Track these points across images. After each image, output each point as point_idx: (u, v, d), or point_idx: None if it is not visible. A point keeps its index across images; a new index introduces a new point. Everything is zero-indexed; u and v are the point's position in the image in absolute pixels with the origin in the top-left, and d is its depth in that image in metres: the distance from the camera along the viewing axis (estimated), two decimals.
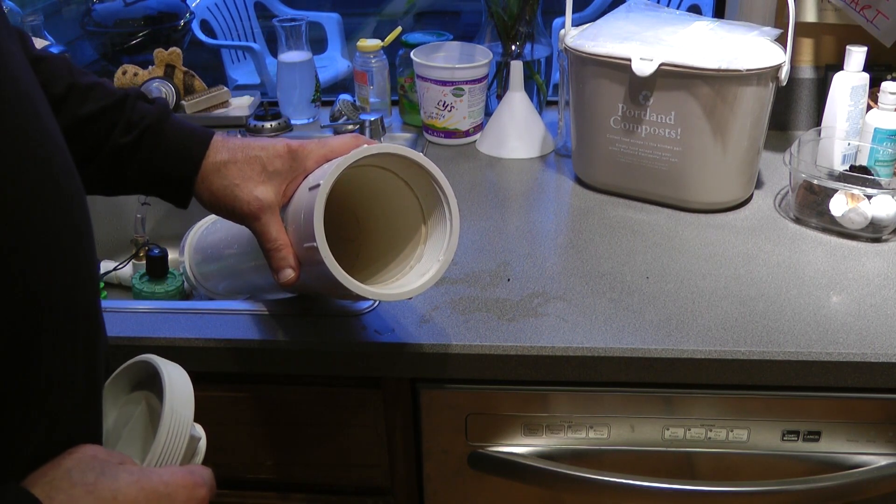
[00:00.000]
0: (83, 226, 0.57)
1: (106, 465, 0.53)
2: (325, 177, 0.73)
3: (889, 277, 0.97)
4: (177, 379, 0.63)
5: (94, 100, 0.78)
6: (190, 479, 0.55)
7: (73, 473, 0.52)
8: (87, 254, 0.57)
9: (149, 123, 0.79)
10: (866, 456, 0.91)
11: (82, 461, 0.53)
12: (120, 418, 0.66)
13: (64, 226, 0.54)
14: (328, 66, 3.12)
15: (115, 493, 0.51)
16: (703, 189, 1.12)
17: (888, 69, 1.26)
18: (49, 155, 0.54)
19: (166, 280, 1.12)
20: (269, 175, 0.79)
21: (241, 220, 0.80)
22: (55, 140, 0.55)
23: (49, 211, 0.53)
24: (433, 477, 0.96)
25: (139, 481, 0.53)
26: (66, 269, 0.54)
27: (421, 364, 0.87)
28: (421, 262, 0.81)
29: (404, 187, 0.82)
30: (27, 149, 0.51)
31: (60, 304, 0.53)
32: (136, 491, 0.52)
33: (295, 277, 0.78)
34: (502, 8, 1.34)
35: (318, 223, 0.72)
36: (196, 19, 2.92)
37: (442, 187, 0.79)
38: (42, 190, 0.52)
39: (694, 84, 1.05)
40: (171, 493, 0.54)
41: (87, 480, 0.51)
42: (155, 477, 0.54)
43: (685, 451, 0.92)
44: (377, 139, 1.30)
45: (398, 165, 0.80)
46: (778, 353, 0.85)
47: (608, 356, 0.86)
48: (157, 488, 0.53)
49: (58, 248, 0.53)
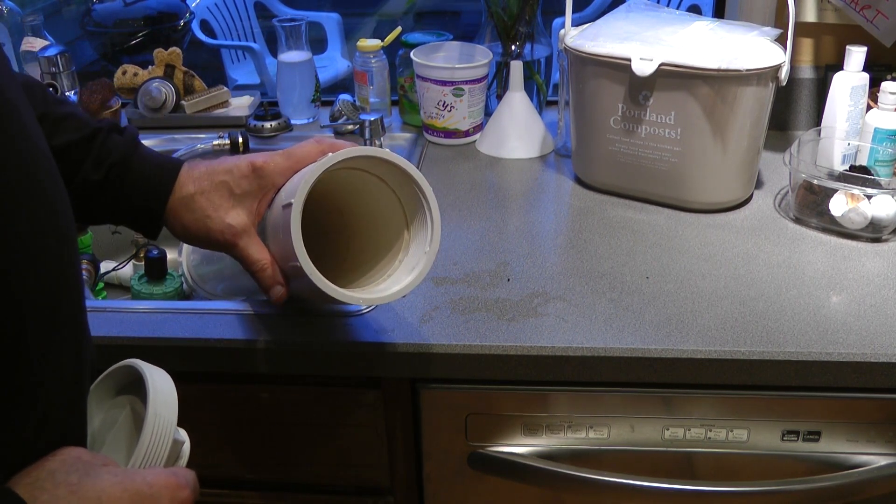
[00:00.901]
0: (67, 230, 0.57)
1: (90, 466, 0.53)
2: (296, 194, 0.73)
3: (889, 277, 0.97)
4: (161, 383, 0.63)
5: (64, 132, 0.77)
6: (174, 480, 0.56)
7: (57, 474, 0.52)
8: (71, 257, 0.57)
9: (114, 161, 0.79)
10: (866, 456, 0.91)
11: (66, 462, 0.53)
12: (104, 422, 0.67)
13: (49, 230, 0.54)
14: (328, 66, 3.12)
15: (99, 494, 0.52)
16: (703, 189, 1.11)
17: (888, 69, 1.26)
18: (34, 160, 0.54)
19: (165, 281, 1.12)
20: (238, 198, 0.79)
21: (218, 249, 0.81)
22: (39, 146, 0.56)
23: (34, 215, 0.53)
24: (433, 477, 0.96)
25: (123, 482, 0.53)
26: (51, 272, 0.54)
27: (421, 364, 0.87)
28: (409, 257, 0.81)
29: (385, 187, 0.82)
30: (11, 153, 0.51)
31: (45, 306, 0.53)
32: (120, 492, 0.53)
33: (285, 293, 0.79)
34: (502, 8, 1.34)
35: (296, 243, 0.72)
36: (196, 19, 2.93)
37: (415, 180, 0.78)
38: (27, 195, 0.52)
39: (694, 84, 1.05)
40: (155, 494, 0.54)
41: (71, 481, 0.52)
42: (139, 478, 0.54)
43: (685, 451, 0.92)
44: (377, 139, 1.30)
45: (369, 165, 0.79)
46: (778, 353, 0.85)
47: (608, 356, 0.86)
48: (141, 489, 0.54)
49: (43, 252, 0.53)
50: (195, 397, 0.70)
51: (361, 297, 0.75)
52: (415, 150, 1.34)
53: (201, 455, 0.69)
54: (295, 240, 0.72)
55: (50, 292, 0.54)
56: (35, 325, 0.52)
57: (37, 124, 0.58)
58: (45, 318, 0.53)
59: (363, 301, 0.76)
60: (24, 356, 0.51)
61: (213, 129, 1.38)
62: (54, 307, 0.54)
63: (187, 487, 0.57)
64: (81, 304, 0.60)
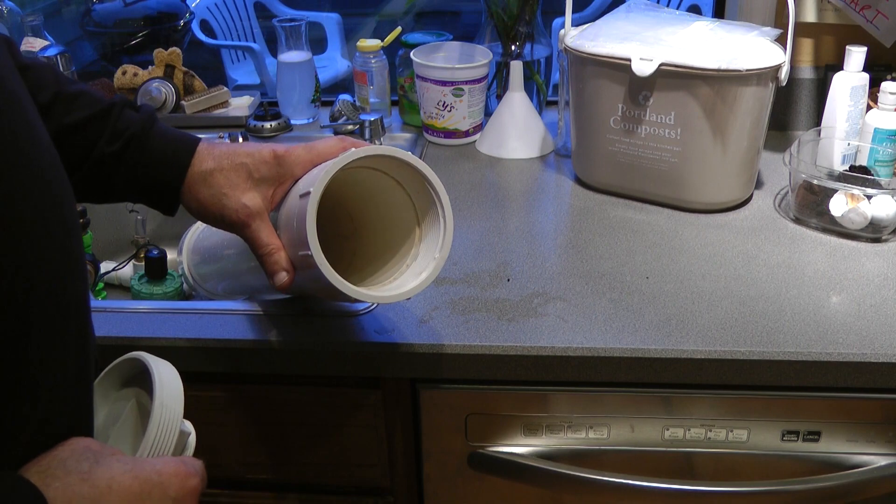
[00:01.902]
0: (71, 222, 0.57)
1: (100, 455, 0.54)
2: (315, 183, 0.73)
3: (889, 277, 0.97)
4: (166, 375, 0.64)
5: (79, 108, 0.78)
6: (183, 468, 0.56)
7: (68, 462, 0.52)
8: (75, 249, 0.58)
9: (134, 132, 0.79)
10: (866, 456, 0.91)
11: (77, 451, 0.54)
12: (110, 415, 0.67)
13: (54, 222, 0.54)
14: (328, 67, 3.12)
15: (110, 482, 0.52)
16: (703, 189, 1.11)
17: (888, 69, 1.26)
18: (37, 153, 0.54)
19: (165, 281, 1.12)
20: (255, 182, 0.79)
21: (230, 228, 0.80)
22: (42, 138, 0.56)
23: (38, 207, 0.53)
24: (433, 477, 0.96)
25: (133, 470, 0.54)
26: (55, 264, 0.54)
27: (421, 364, 0.87)
28: (417, 261, 0.81)
29: (396, 187, 0.82)
30: (16, 146, 0.52)
31: (50, 298, 0.53)
32: (131, 479, 0.53)
33: (289, 280, 0.78)
34: (502, 8, 1.34)
35: (310, 231, 0.72)
36: (196, 19, 2.93)
37: (433, 185, 0.79)
38: (31, 187, 0.52)
39: (694, 84, 1.05)
40: (164, 482, 0.55)
41: (82, 469, 0.52)
42: (148, 466, 0.55)
43: (685, 451, 0.92)
44: (377, 139, 1.30)
45: (388, 166, 0.80)
46: (778, 354, 0.85)
47: (608, 356, 0.86)
48: (151, 477, 0.54)
49: (48, 244, 0.53)
50: (195, 397, 0.70)
51: (368, 294, 0.75)
52: (415, 151, 1.34)
53: (201, 455, 0.69)
54: (309, 228, 0.72)
55: (55, 283, 0.54)
56: (40, 315, 0.52)
57: (38, 115, 0.57)
58: (50, 308, 0.53)
59: (369, 298, 0.75)
60: (28, 345, 0.52)
61: (213, 129, 1.38)
62: (59, 298, 0.55)
63: (196, 476, 0.57)
64: (86, 295, 0.61)
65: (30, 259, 0.51)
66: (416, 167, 0.78)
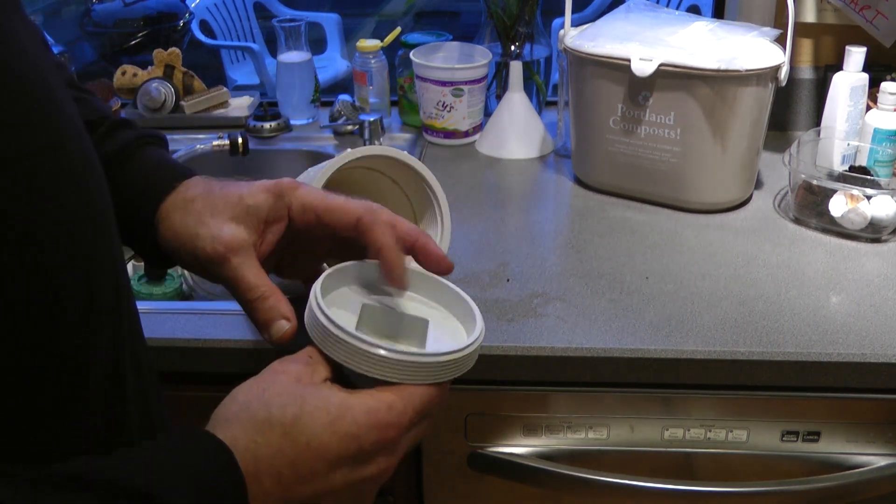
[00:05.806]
0: (104, 217, 0.54)
1: (307, 394, 0.52)
2: (312, 183, 0.73)
3: (889, 277, 0.97)
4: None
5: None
6: (385, 418, 0.53)
7: (272, 409, 0.51)
8: (108, 245, 0.54)
9: (114, 150, 0.69)
10: (866, 456, 0.91)
11: (283, 393, 0.52)
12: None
13: (83, 217, 0.51)
14: (327, 67, 3.13)
15: (309, 440, 0.51)
16: (703, 189, 1.11)
17: (888, 69, 1.26)
18: (67, 143, 0.51)
19: (165, 281, 1.12)
20: (245, 209, 0.63)
21: (206, 269, 0.64)
22: (75, 127, 0.52)
23: (67, 201, 0.50)
24: (433, 477, 0.96)
25: (333, 423, 0.52)
26: (84, 260, 0.51)
27: None
28: None
29: (394, 187, 0.82)
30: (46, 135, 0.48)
31: (79, 294, 0.50)
32: (329, 435, 0.51)
33: (292, 329, 0.62)
34: (502, 8, 1.34)
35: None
36: (195, 19, 2.93)
37: (430, 185, 0.79)
38: (60, 179, 0.49)
39: (693, 84, 1.05)
40: (360, 435, 0.52)
41: (286, 420, 0.51)
42: (349, 417, 0.52)
43: (684, 451, 0.92)
44: (377, 140, 1.30)
45: (385, 166, 0.80)
46: (777, 354, 0.85)
47: (608, 356, 0.85)
48: (350, 430, 0.52)
49: (77, 239, 0.50)
50: (193, 398, 0.70)
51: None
52: (414, 151, 1.34)
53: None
54: None
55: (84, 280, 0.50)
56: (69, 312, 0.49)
57: (71, 102, 0.53)
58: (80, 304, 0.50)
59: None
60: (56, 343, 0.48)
61: (213, 129, 1.38)
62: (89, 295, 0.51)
63: (395, 427, 0.53)
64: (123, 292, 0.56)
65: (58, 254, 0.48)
66: (413, 167, 0.78)
